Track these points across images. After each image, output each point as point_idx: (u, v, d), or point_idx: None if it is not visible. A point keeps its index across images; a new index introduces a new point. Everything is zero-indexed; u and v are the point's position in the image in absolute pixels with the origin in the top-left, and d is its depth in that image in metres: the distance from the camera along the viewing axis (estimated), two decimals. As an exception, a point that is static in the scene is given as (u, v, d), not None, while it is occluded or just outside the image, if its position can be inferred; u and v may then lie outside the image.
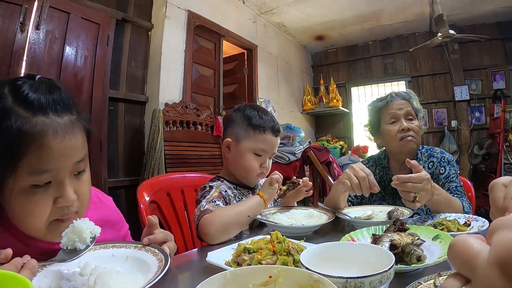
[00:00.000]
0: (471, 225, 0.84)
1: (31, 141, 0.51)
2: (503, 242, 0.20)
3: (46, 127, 0.52)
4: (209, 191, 1.05)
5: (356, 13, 4.13)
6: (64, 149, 0.54)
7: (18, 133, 0.50)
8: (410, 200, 0.92)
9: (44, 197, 0.54)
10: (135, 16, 2.73)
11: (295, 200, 1.18)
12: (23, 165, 0.51)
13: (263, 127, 1.10)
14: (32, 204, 0.54)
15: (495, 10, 3.95)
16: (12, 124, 0.50)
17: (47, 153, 0.52)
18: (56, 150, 0.53)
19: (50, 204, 0.55)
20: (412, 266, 0.57)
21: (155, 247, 0.64)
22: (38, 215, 0.55)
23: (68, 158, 0.55)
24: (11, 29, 1.90)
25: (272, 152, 1.14)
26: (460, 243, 0.23)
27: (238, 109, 1.17)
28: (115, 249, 0.66)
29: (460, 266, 0.23)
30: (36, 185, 0.53)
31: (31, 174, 0.52)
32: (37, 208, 0.54)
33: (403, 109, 1.27)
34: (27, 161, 0.51)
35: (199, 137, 2.93)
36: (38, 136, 0.51)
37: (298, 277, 0.41)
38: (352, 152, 4.33)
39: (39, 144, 0.51)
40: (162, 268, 0.55)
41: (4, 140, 0.50)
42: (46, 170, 0.52)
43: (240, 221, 0.95)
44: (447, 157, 1.27)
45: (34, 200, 0.53)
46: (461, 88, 4.31)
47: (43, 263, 0.57)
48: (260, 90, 4.01)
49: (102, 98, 2.36)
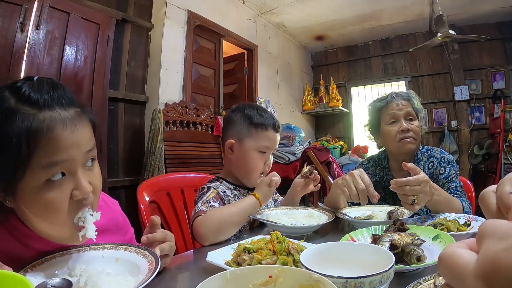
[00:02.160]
0: (471, 225, 0.84)
1: (40, 136, 0.50)
2: (488, 256, 0.20)
3: (53, 120, 0.51)
4: (206, 192, 1.05)
5: (356, 13, 4.13)
6: (74, 139, 0.53)
7: (26, 130, 0.49)
8: (409, 203, 0.92)
9: (61, 192, 0.53)
10: (135, 16, 2.73)
11: (303, 193, 1.17)
12: (35, 162, 0.50)
13: (265, 124, 1.11)
14: (52, 204, 0.52)
15: (495, 10, 3.95)
16: (19, 123, 0.49)
17: (57, 145, 0.51)
18: (66, 141, 0.52)
19: (67, 199, 0.54)
20: (412, 266, 0.58)
21: (145, 249, 0.63)
22: (58, 212, 0.53)
23: (78, 148, 0.54)
24: (11, 29, 1.90)
25: (274, 148, 1.16)
26: (448, 255, 0.23)
27: (237, 109, 1.17)
28: (105, 250, 0.65)
29: (450, 279, 0.23)
30: (51, 181, 0.52)
31: (44, 168, 0.51)
32: (56, 206, 0.53)
33: (403, 109, 1.27)
34: (39, 157, 0.50)
35: (199, 137, 2.93)
36: (46, 130, 0.50)
37: (298, 277, 0.41)
38: (352, 152, 4.33)
39: (48, 137, 0.50)
40: (153, 271, 0.54)
41: (13, 141, 0.48)
42: (58, 161, 0.51)
43: (234, 221, 0.94)
44: (447, 157, 1.27)
45: (52, 197, 0.52)
46: (461, 88, 4.31)
47: (32, 264, 0.57)
48: (260, 90, 4.01)
49: (102, 98, 2.36)
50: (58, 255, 0.61)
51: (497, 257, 0.19)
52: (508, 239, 0.20)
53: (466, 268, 0.21)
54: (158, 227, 0.71)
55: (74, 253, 0.63)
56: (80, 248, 0.64)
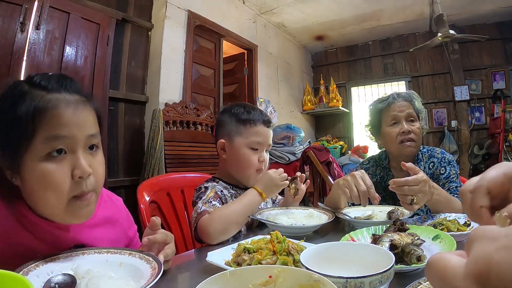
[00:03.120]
0: (471, 225, 0.84)
1: (44, 112, 0.54)
2: (479, 256, 0.20)
3: (59, 100, 0.56)
4: (204, 191, 1.04)
5: (356, 13, 4.13)
6: (76, 118, 0.56)
7: (33, 107, 0.53)
8: (407, 203, 0.92)
9: (61, 168, 0.55)
10: (135, 16, 2.73)
11: (298, 201, 1.17)
12: (38, 136, 0.53)
13: (253, 120, 1.10)
14: (50, 176, 0.54)
15: (495, 10, 3.95)
16: (28, 102, 0.54)
17: (59, 120, 0.55)
18: (68, 118, 0.56)
19: (67, 177, 0.56)
20: (412, 266, 0.57)
21: (149, 255, 0.64)
22: (56, 188, 0.55)
23: (80, 128, 0.57)
24: (11, 29, 1.90)
25: (268, 144, 1.14)
26: (436, 260, 0.23)
27: (225, 110, 1.18)
28: (109, 254, 0.66)
29: (439, 284, 0.22)
30: (52, 156, 0.55)
31: (46, 141, 0.54)
32: (54, 180, 0.55)
33: (404, 111, 1.26)
34: (42, 130, 0.53)
35: (199, 137, 2.93)
36: (51, 107, 0.55)
37: (298, 277, 0.41)
38: (352, 152, 4.33)
39: (52, 113, 0.54)
40: (155, 276, 0.55)
41: (22, 117, 0.53)
42: (59, 136, 0.54)
43: (239, 220, 0.94)
44: (448, 158, 1.27)
45: (51, 170, 0.54)
46: (461, 88, 4.31)
47: (35, 263, 0.57)
48: (260, 90, 4.01)
49: (102, 98, 2.36)
50: (62, 256, 0.61)
51: (489, 257, 0.19)
52: (500, 240, 0.20)
53: (455, 270, 0.21)
54: (159, 228, 0.71)
55: (79, 255, 0.63)
56: (85, 251, 0.65)
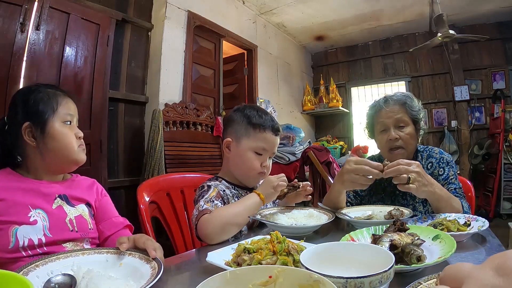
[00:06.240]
0: (471, 225, 0.84)
1: (62, 97, 0.91)
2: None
3: (63, 92, 0.94)
4: (207, 190, 1.05)
5: (356, 13, 4.13)
6: (73, 106, 0.94)
7: (54, 93, 0.90)
8: (403, 182, 0.93)
9: (71, 131, 0.91)
10: (135, 16, 2.73)
11: (295, 202, 1.18)
12: (60, 110, 0.89)
13: (263, 125, 1.11)
14: (67, 134, 0.90)
15: (495, 10, 3.96)
16: (50, 90, 0.91)
17: (69, 106, 0.92)
18: (72, 104, 0.94)
19: (74, 136, 0.91)
20: (412, 266, 0.57)
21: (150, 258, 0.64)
22: (72, 140, 0.91)
23: (75, 110, 0.94)
24: (11, 30, 1.90)
25: (272, 152, 1.14)
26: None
27: (238, 109, 1.18)
28: (109, 254, 0.66)
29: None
30: (65, 124, 0.90)
31: (64, 115, 0.90)
32: (69, 135, 0.90)
33: (392, 117, 1.23)
34: (61, 108, 0.90)
35: (199, 137, 2.93)
36: (63, 95, 0.93)
37: (298, 277, 0.41)
38: (352, 152, 4.33)
39: (66, 99, 0.92)
40: (155, 276, 0.55)
41: (49, 98, 0.89)
42: (69, 114, 0.92)
43: (239, 221, 0.95)
44: (446, 158, 1.26)
45: (66, 131, 0.90)
46: (461, 88, 4.32)
47: (36, 263, 0.57)
48: (260, 90, 4.01)
49: (102, 98, 2.36)
50: (62, 256, 0.61)
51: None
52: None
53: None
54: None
55: (79, 255, 0.63)
56: (84, 251, 0.65)
